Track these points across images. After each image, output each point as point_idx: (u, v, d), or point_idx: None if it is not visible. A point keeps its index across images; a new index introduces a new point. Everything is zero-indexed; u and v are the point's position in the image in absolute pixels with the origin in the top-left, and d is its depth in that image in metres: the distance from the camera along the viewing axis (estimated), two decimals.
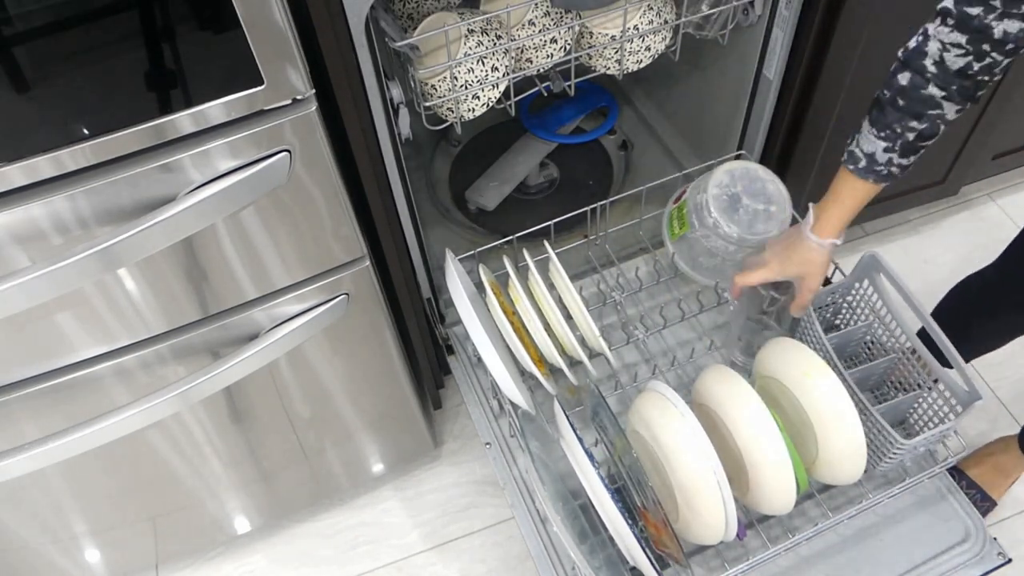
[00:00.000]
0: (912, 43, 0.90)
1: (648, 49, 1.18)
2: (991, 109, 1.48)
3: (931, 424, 1.16)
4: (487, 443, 1.28)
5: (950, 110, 0.91)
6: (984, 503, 1.44)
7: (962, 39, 0.85)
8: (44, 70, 0.73)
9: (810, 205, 1.08)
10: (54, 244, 0.85)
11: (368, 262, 1.08)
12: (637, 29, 1.14)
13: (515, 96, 1.17)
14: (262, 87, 0.82)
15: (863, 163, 0.99)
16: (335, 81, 0.91)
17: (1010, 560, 1.14)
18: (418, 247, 1.23)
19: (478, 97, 1.12)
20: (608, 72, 1.20)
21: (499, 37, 1.11)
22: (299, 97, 0.85)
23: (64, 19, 0.71)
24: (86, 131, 0.78)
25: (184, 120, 0.81)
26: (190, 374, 1.03)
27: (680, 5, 1.17)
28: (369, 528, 1.51)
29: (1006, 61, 0.86)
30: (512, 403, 1.15)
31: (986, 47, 0.84)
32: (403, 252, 1.19)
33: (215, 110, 0.81)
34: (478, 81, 1.09)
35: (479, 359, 1.33)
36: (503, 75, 1.11)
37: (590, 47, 1.17)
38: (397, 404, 1.36)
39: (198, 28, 0.76)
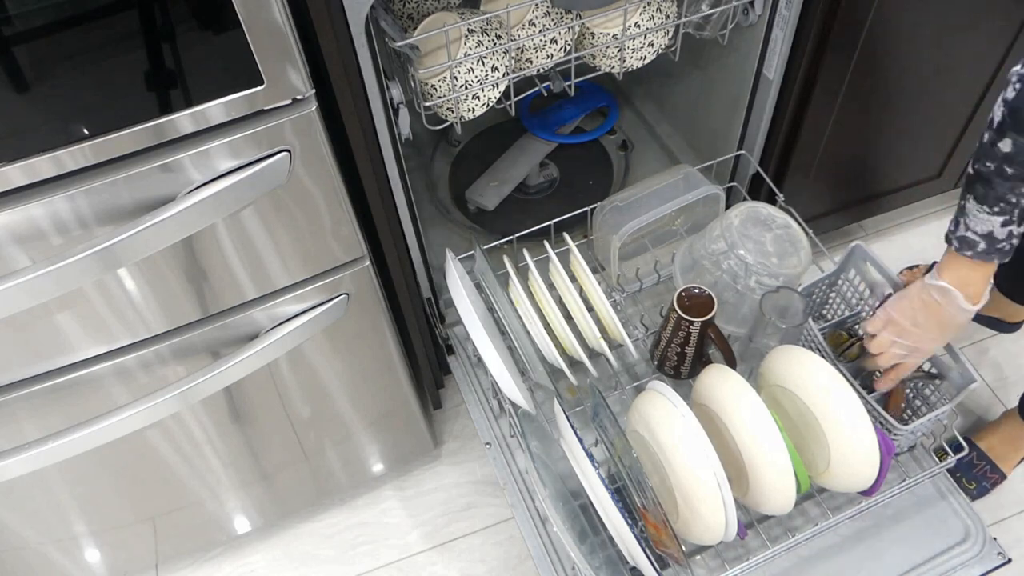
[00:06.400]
0: (1007, 100, 0.82)
1: (651, 45, 1.18)
2: (986, 105, 1.49)
3: (922, 411, 1.16)
4: (487, 443, 1.29)
5: None
6: (993, 475, 1.45)
7: None
8: (44, 70, 0.73)
9: (943, 283, 0.98)
10: (54, 244, 0.85)
11: (368, 262, 1.08)
12: (639, 26, 1.14)
13: (515, 96, 1.17)
14: (262, 87, 0.82)
15: (982, 245, 0.92)
16: (335, 81, 0.91)
17: (1010, 560, 1.14)
18: (418, 247, 1.23)
19: (478, 97, 1.12)
20: (611, 70, 1.20)
21: (499, 37, 1.11)
22: (299, 97, 0.85)
23: (64, 19, 0.71)
24: (86, 131, 0.78)
25: (184, 120, 0.81)
26: (190, 374, 1.03)
27: (680, 5, 1.17)
28: (369, 528, 1.51)
29: None
30: (512, 403, 1.15)
31: None
32: (403, 252, 1.19)
33: (215, 110, 0.81)
34: (478, 81, 1.09)
35: (479, 359, 1.33)
36: (503, 75, 1.11)
37: (592, 47, 1.17)
38: (397, 404, 1.36)
39: (198, 28, 0.76)
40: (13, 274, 0.81)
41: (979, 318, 1.67)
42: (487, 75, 1.10)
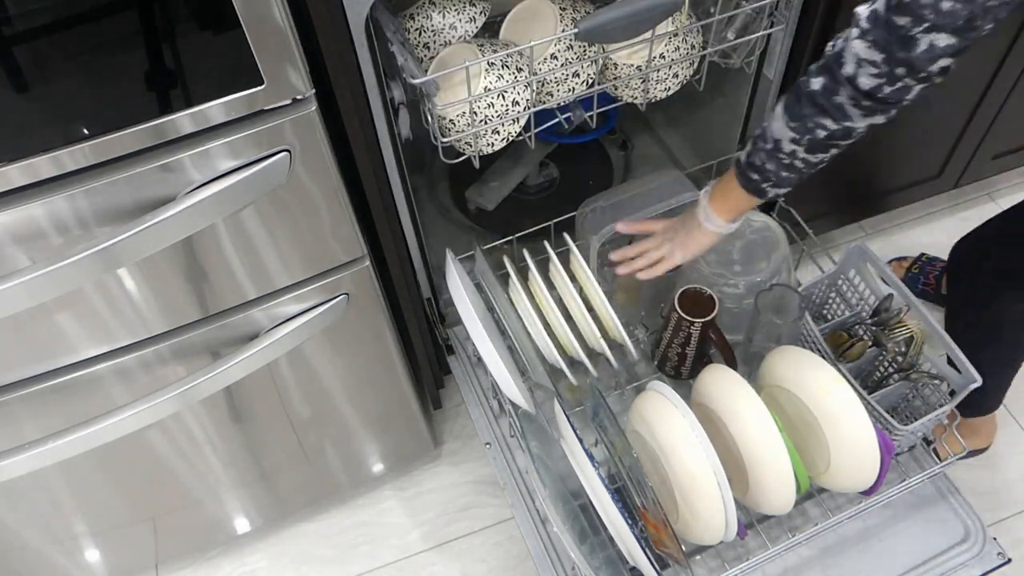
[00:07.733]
0: (832, 48, 0.86)
1: (676, 76, 1.15)
2: (986, 104, 1.49)
3: (922, 411, 1.16)
4: (487, 443, 1.29)
5: (860, 123, 0.87)
6: (973, 454, 1.47)
7: (878, 57, 0.80)
8: (44, 70, 0.73)
9: (703, 191, 1.06)
10: (54, 244, 0.85)
11: (368, 262, 1.08)
12: (663, 57, 1.11)
13: (535, 127, 1.13)
14: (262, 87, 0.82)
15: (769, 146, 0.94)
16: (335, 81, 0.91)
17: (1010, 560, 1.14)
18: (418, 247, 1.23)
19: (498, 132, 1.08)
20: (634, 101, 1.17)
21: (520, 70, 1.06)
22: (299, 97, 0.85)
23: (64, 19, 0.71)
24: (86, 131, 0.78)
25: (184, 120, 0.81)
26: (190, 374, 1.03)
27: (707, 33, 1.14)
28: (369, 528, 1.51)
29: (918, 88, 0.83)
30: (512, 403, 1.15)
31: (900, 71, 0.80)
32: (403, 252, 1.19)
33: (215, 110, 0.81)
34: (498, 116, 1.06)
35: (479, 359, 1.33)
36: (523, 109, 1.07)
37: (615, 78, 1.14)
38: (397, 404, 1.36)
39: (198, 28, 0.76)
40: (13, 274, 0.81)
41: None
42: (507, 109, 1.06)
